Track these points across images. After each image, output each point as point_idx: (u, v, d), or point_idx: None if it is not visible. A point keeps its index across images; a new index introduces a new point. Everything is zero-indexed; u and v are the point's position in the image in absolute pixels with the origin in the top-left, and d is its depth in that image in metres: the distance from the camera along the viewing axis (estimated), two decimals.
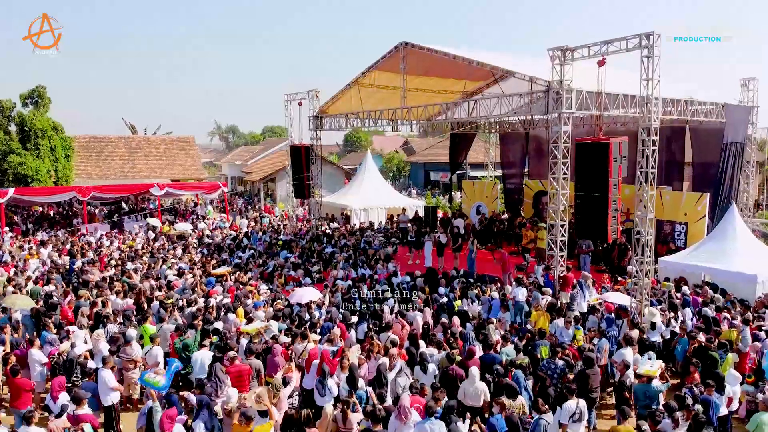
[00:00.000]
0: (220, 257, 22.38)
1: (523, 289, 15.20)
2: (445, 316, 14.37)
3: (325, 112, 25.66)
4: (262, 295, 16.52)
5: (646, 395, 10.47)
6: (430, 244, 22.48)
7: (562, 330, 13.08)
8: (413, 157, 65.38)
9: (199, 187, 38.46)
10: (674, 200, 22.35)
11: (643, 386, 10.63)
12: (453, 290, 16.47)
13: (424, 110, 20.20)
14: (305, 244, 24.80)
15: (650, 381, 10.69)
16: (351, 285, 17.41)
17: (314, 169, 26.07)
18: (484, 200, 30.10)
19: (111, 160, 52.10)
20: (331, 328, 13.31)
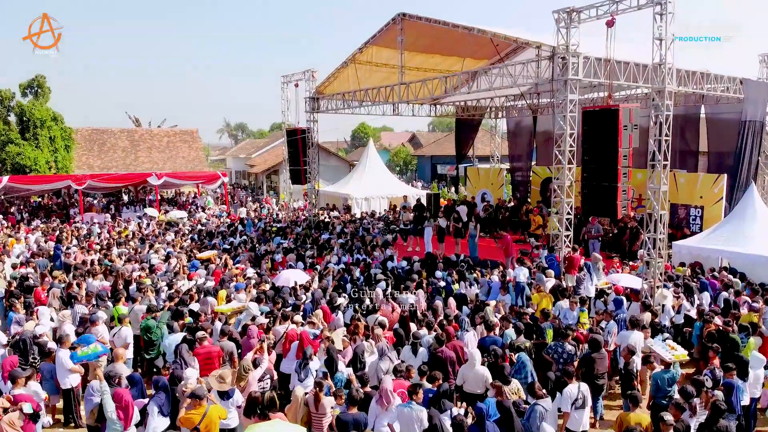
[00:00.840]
0: (210, 243, 21.40)
1: (524, 269, 14.07)
2: (439, 298, 13.29)
3: (322, 92, 24.61)
4: (247, 279, 15.51)
5: (669, 383, 9.32)
6: (431, 230, 21.42)
7: (566, 312, 11.95)
8: (420, 150, 64.20)
9: (198, 176, 37.59)
10: (689, 183, 21.09)
11: (662, 373, 9.48)
12: (451, 274, 15.37)
13: (422, 86, 19.05)
14: (301, 231, 23.80)
15: (669, 367, 9.58)
16: (343, 269, 16.37)
17: (311, 153, 25.00)
18: (489, 187, 28.96)
19: (113, 152, 51.52)
20: (313, 310, 12.33)
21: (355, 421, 7.77)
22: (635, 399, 8.12)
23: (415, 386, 8.18)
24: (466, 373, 9.49)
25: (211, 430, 7.80)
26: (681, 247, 18.03)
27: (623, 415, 8.16)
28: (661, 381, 9.30)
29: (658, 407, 8.92)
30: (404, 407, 7.98)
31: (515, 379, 9.18)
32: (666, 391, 9.14)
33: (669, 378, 9.32)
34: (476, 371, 9.43)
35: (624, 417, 8.04)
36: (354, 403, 7.92)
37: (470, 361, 9.53)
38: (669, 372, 9.43)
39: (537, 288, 12.99)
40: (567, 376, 8.76)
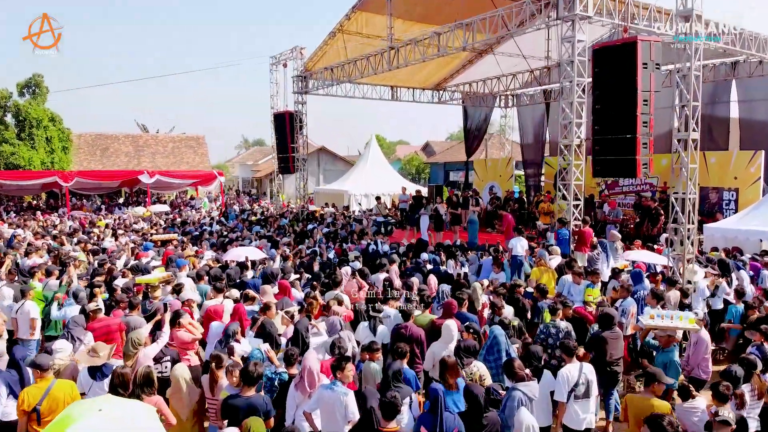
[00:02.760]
0: (180, 230, 19.31)
1: (522, 240, 11.59)
2: (418, 276, 10.91)
3: (310, 70, 22.54)
4: (203, 260, 13.36)
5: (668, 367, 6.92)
6: (426, 219, 19.06)
7: (569, 286, 9.50)
8: (433, 158, 61.93)
9: (193, 175, 35.79)
10: (721, 162, 18.46)
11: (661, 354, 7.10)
12: (439, 255, 13.00)
13: (413, 48, 16.82)
14: (287, 222, 21.61)
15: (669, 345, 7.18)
16: (314, 250, 14.11)
17: (300, 139, 22.88)
18: (497, 180, 26.51)
19: (116, 157, 50.18)
20: (258, 285, 10.06)
21: (250, 406, 5.41)
22: (652, 377, 5.70)
23: (340, 360, 5.83)
24: (437, 352, 7.10)
25: (55, 412, 5.52)
26: (714, 231, 15.41)
27: (637, 399, 5.73)
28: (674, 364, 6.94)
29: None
30: (326, 389, 5.64)
31: (482, 361, 6.80)
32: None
33: (667, 361, 6.96)
34: (450, 351, 7.06)
35: (638, 402, 5.61)
36: (250, 383, 5.57)
37: (444, 334, 7.17)
38: (669, 353, 7.02)
39: (537, 262, 10.51)
40: (566, 353, 6.33)
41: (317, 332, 7.97)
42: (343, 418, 5.51)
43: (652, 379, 5.74)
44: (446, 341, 7.22)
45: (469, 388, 5.44)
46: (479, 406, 5.25)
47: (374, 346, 7.13)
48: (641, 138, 10.71)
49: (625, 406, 5.90)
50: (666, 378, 6.01)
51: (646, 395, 5.80)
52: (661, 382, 5.74)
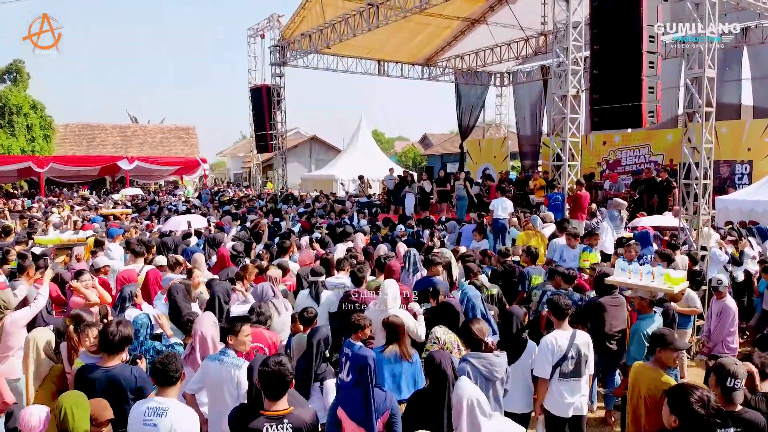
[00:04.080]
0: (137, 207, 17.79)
1: (505, 201, 9.95)
2: (387, 245, 9.33)
3: (288, 38, 20.91)
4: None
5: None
6: (412, 197, 17.49)
7: (562, 249, 7.89)
8: (430, 150, 60.35)
9: (175, 162, 34.30)
10: (733, 132, 16.84)
11: (642, 320, 5.52)
12: (412, 227, 11.43)
13: (394, 3, 15.17)
14: (264, 203, 20.02)
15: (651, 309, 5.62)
16: (273, 222, 12.54)
17: (279, 115, 21.28)
18: (492, 161, 24.90)
19: (102, 147, 48.78)
20: (193, 252, 8.50)
21: (110, 381, 3.83)
22: (659, 339, 4.14)
23: (234, 322, 4.27)
24: (376, 317, 5.52)
25: None
26: (728, 203, 13.79)
27: (643, 367, 4.17)
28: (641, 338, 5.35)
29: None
30: (212, 360, 4.06)
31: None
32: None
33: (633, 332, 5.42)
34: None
35: (648, 374, 4.04)
36: (111, 349, 3.98)
37: (380, 297, 5.60)
38: (650, 318, 5.44)
39: (524, 225, 8.90)
40: (555, 313, 4.79)
41: (244, 300, 6.40)
42: (234, 398, 3.94)
43: (659, 342, 4.15)
44: (380, 302, 5.65)
45: (432, 355, 3.87)
46: (444, 380, 3.68)
47: (307, 314, 5.56)
48: (647, 81, 9.09)
49: (633, 378, 4.29)
50: (679, 342, 4.41)
51: (653, 366, 4.23)
52: (674, 347, 4.15)
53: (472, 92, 26.54)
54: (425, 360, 3.98)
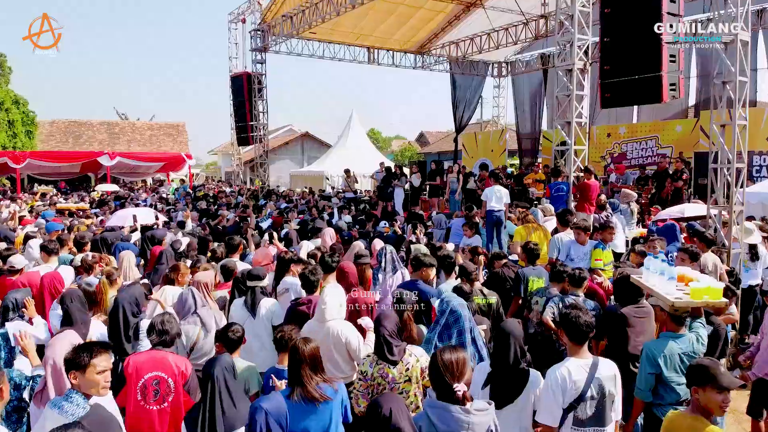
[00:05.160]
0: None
1: (500, 189, 8.48)
2: (363, 241, 7.93)
3: (268, 21, 19.46)
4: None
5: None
6: (401, 192, 16.08)
7: (569, 246, 6.48)
8: (427, 148, 58.99)
9: (158, 158, 32.87)
10: (752, 120, 15.30)
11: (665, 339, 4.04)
12: (393, 224, 10.03)
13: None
14: (242, 199, 18.60)
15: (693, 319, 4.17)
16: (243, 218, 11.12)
17: (261, 105, 19.84)
18: (489, 155, 23.45)
19: (89, 145, 47.43)
20: (122, 249, 7.08)
21: None
22: (702, 373, 2.73)
23: (81, 351, 2.84)
24: (315, 330, 4.12)
25: None
26: (748, 196, 12.33)
27: (679, 417, 2.73)
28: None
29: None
30: (52, 407, 2.63)
31: (431, 347, 3.83)
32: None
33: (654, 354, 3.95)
34: (328, 330, 4.13)
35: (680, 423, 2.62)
36: None
37: (318, 308, 4.22)
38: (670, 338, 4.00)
39: (522, 218, 7.47)
40: (571, 333, 3.37)
41: (164, 312, 4.97)
42: None
43: (698, 377, 2.75)
44: (318, 314, 4.26)
45: (378, 403, 2.46)
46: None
47: (232, 333, 4.15)
48: (668, 48, 7.67)
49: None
50: (726, 376, 2.98)
51: (692, 414, 2.83)
52: (721, 384, 2.75)
53: (467, 83, 25.10)
54: (367, 409, 2.57)
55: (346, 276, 5.20)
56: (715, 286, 3.87)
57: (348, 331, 4.07)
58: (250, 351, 4.99)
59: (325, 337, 4.19)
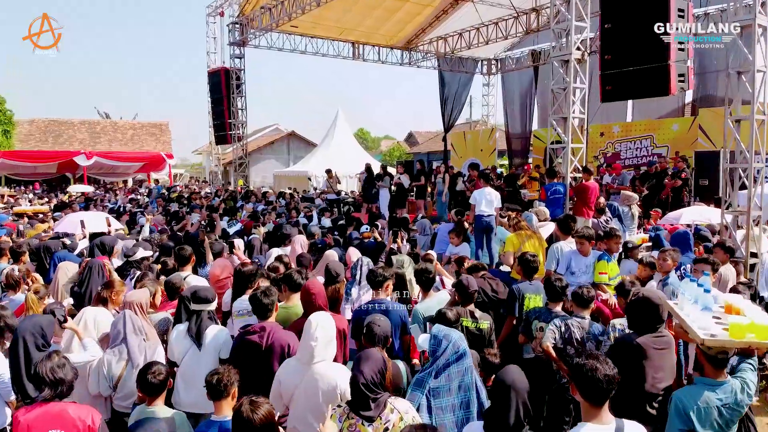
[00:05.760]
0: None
1: (490, 192, 7.61)
2: (337, 249, 7.08)
3: (247, 14, 18.53)
4: None
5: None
6: (386, 193, 15.22)
7: (569, 257, 5.65)
8: (416, 148, 58.24)
9: (136, 157, 31.84)
10: None
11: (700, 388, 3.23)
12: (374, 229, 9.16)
13: None
14: (218, 200, 17.66)
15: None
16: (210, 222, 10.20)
17: (240, 102, 18.93)
18: (478, 155, 22.68)
19: (69, 144, 46.22)
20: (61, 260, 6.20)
21: None
22: None
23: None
24: (286, 383, 3.29)
25: None
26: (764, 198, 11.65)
27: None
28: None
29: None
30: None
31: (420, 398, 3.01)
32: None
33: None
34: (316, 375, 3.27)
35: None
36: None
37: (303, 342, 3.39)
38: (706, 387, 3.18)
39: (514, 224, 6.63)
40: (589, 396, 2.50)
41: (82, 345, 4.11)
42: None
43: None
44: (303, 352, 3.43)
45: None
46: None
47: (152, 375, 3.31)
48: (674, 37, 6.88)
49: None
50: None
51: None
52: None
53: (456, 80, 24.31)
54: None
55: (311, 298, 4.32)
56: (764, 321, 3.04)
57: (343, 377, 3.24)
58: (194, 388, 4.14)
59: (312, 383, 3.36)
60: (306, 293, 4.36)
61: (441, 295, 5.10)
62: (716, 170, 12.77)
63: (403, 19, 20.17)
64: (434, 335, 3.32)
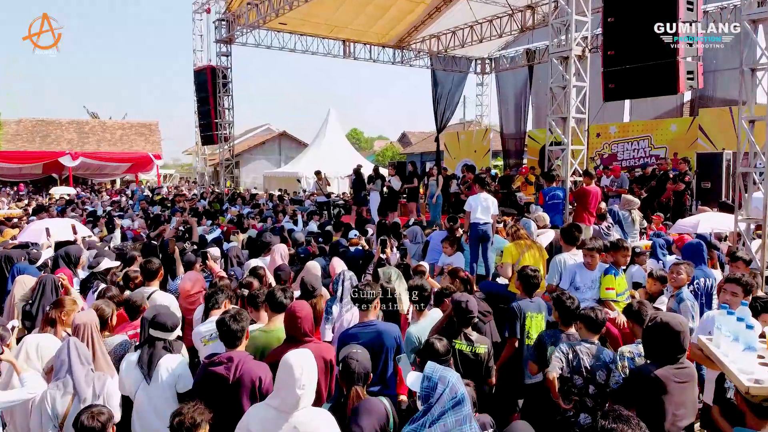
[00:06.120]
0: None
1: (488, 198, 7.08)
2: (319, 260, 6.56)
3: (233, 11, 17.97)
4: None
5: None
6: (377, 196, 14.70)
7: (575, 271, 5.16)
8: (409, 148, 57.78)
9: (122, 158, 31.21)
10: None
11: None
12: (365, 234, 8.67)
13: None
14: (204, 203, 17.11)
15: None
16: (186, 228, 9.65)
17: (227, 101, 18.37)
18: (472, 156, 22.20)
19: (57, 144, 45.45)
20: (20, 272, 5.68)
21: None
22: None
23: None
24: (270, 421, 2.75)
25: None
26: (758, 202, 11.21)
27: None
28: None
29: None
30: None
31: None
32: None
33: None
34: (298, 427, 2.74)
35: None
36: None
37: (283, 391, 2.86)
38: None
39: (513, 233, 6.11)
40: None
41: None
42: None
43: None
44: (282, 396, 2.90)
45: None
46: None
47: (89, 416, 2.78)
48: (684, 29, 6.40)
49: None
50: None
51: None
52: None
53: (449, 79, 23.81)
54: None
55: (297, 323, 3.75)
56: None
57: (328, 426, 2.73)
58: (149, 428, 3.63)
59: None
60: (291, 317, 3.81)
61: (435, 314, 4.59)
62: (718, 172, 12.35)
63: (395, 17, 19.66)
64: (427, 376, 2.80)
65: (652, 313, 3.66)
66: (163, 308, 4.06)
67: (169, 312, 4.01)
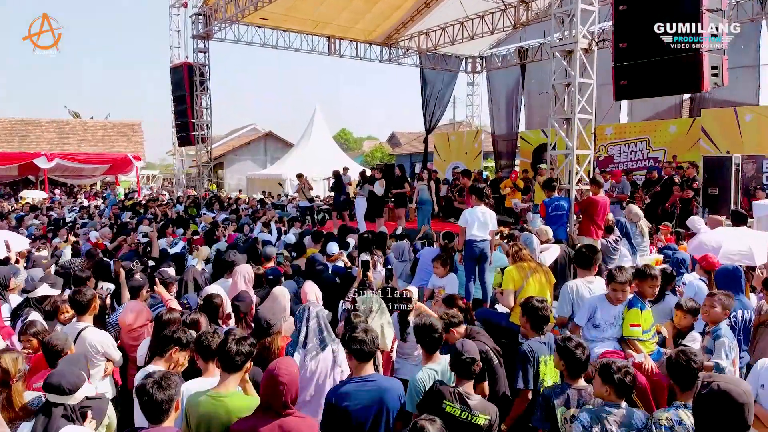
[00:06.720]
0: None
1: (486, 212, 6.20)
2: (291, 283, 5.67)
3: (210, 4, 17.00)
4: None
5: None
6: (363, 201, 13.77)
7: (594, 305, 4.30)
8: (398, 149, 56.97)
9: (100, 159, 30.09)
10: (761, 120, 13.63)
11: None
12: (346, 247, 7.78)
13: None
14: (181, 208, 16.13)
15: None
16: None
17: (204, 100, 17.40)
18: (463, 158, 21.35)
19: (36, 145, 44.23)
20: None
21: None
22: None
23: None
24: None
25: None
26: (759, 209, 10.43)
27: None
28: None
29: None
30: None
31: None
32: None
33: None
34: None
35: None
36: None
37: None
38: None
39: (515, 254, 5.23)
40: None
41: None
42: None
43: None
44: None
45: None
46: None
47: None
48: (708, 18, 5.57)
49: None
50: None
51: None
52: None
53: (439, 78, 22.97)
54: None
55: (278, 390, 2.79)
56: None
57: None
58: None
59: None
60: (272, 380, 2.84)
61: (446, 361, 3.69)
62: (726, 177, 11.57)
63: (382, 12, 18.78)
64: None
65: (705, 376, 2.81)
66: (64, 362, 3.16)
67: (69, 368, 3.10)
